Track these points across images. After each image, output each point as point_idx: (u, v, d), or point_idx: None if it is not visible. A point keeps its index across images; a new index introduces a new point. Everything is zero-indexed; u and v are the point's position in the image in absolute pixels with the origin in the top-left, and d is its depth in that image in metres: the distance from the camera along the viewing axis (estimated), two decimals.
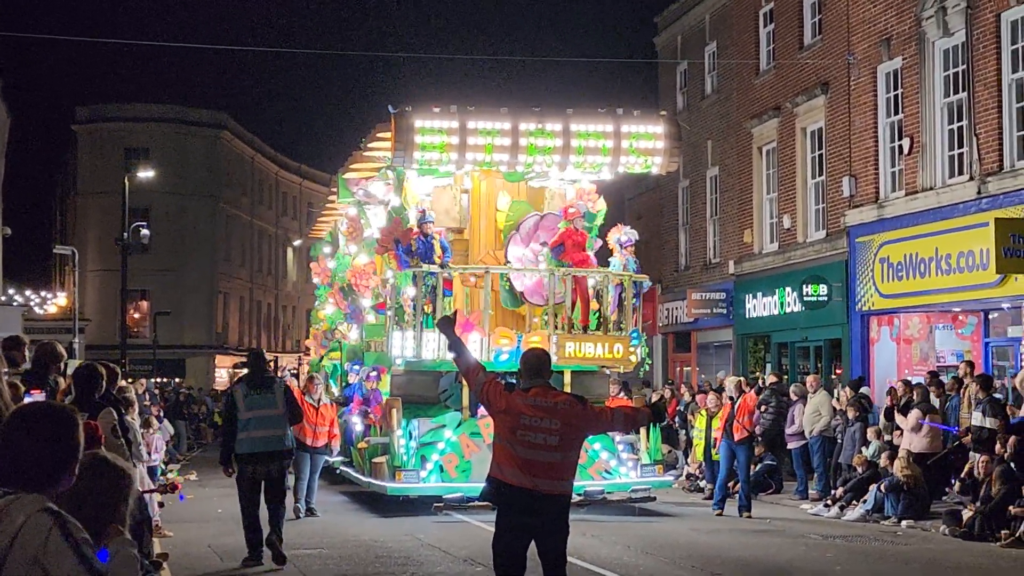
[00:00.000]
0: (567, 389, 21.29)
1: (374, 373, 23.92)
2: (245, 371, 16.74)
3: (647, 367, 24.96)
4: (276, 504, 15.43)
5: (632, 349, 22.69)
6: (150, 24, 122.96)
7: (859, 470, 21.96)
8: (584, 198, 23.89)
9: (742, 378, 23.48)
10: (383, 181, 24.17)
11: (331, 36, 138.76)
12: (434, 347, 21.53)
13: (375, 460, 22.11)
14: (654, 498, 22.19)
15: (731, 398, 22.17)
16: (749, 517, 21.09)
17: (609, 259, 23.81)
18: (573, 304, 22.86)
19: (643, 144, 22.87)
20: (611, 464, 21.82)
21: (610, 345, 22.33)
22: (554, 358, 20.99)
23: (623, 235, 23.52)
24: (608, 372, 23.93)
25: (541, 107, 22.78)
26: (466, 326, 21.57)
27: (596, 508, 21.05)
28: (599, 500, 21.16)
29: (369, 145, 23.78)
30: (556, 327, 22.35)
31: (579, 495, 20.21)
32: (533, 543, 9.47)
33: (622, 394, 27.22)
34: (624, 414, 10.26)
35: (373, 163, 24.28)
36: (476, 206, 24.08)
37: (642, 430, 22.25)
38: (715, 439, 22.43)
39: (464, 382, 20.83)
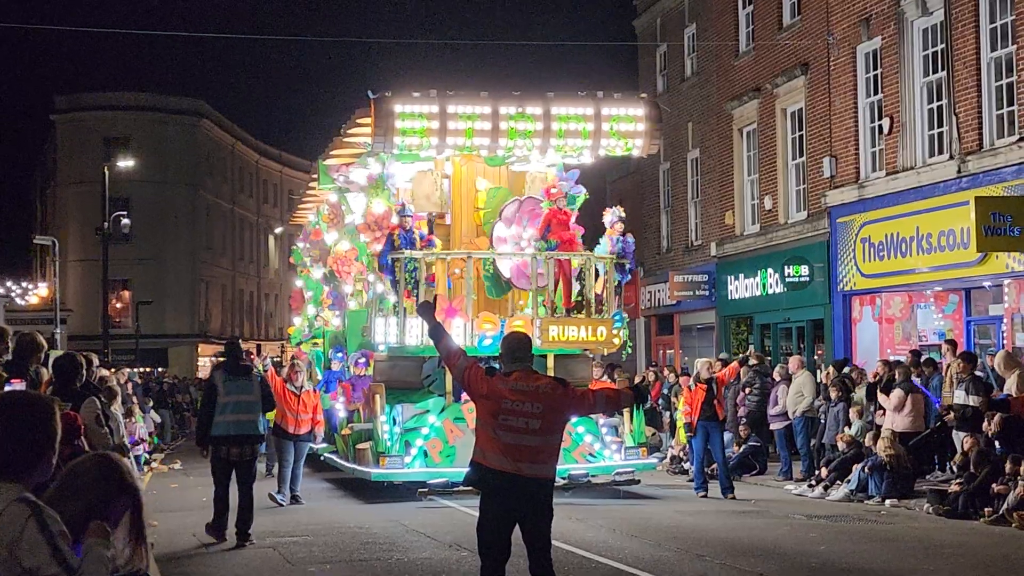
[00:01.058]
0: (550, 372, 21.23)
1: (363, 360, 23.75)
2: (223, 359, 17.82)
3: (629, 350, 24.90)
4: (246, 485, 16.42)
5: (615, 331, 22.64)
6: (128, 12, 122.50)
7: (843, 447, 21.98)
8: (564, 181, 23.94)
9: (709, 360, 23.37)
10: (363, 168, 24.11)
11: (310, 21, 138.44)
12: (417, 333, 21.47)
13: (359, 446, 22.03)
14: (638, 481, 22.19)
15: (700, 380, 22.07)
16: (733, 498, 21.12)
17: (600, 240, 23.78)
18: (556, 286, 22.81)
19: (624, 127, 22.82)
20: (595, 447, 21.75)
21: (593, 328, 22.25)
22: (537, 342, 21.01)
23: (610, 215, 23.56)
24: (591, 355, 23.94)
25: (521, 91, 22.76)
26: (449, 311, 21.54)
27: (581, 492, 21.03)
28: (583, 483, 21.13)
29: (349, 131, 23.63)
30: (542, 310, 22.30)
31: (563, 478, 20.23)
32: (518, 527, 9.48)
33: (605, 376, 27.22)
34: (606, 396, 10.26)
35: (353, 149, 24.16)
36: (457, 191, 24.00)
37: (626, 413, 22.27)
38: (689, 423, 22.29)
39: (447, 367, 20.79)
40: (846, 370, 24.72)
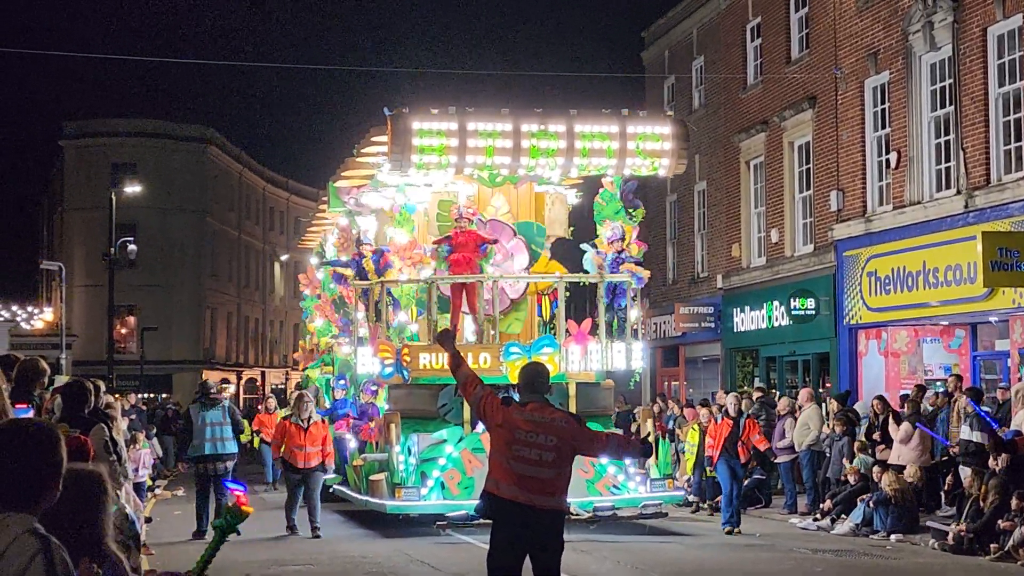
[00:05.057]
0: (572, 401, 20.87)
1: (373, 387, 22.86)
2: (197, 394, 21.69)
3: (637, 378, 24.07)
4: (220, 494, 19.18)
5: (517, 360, 20.70)
6: (137, 40, 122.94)
7: (852, 480, 21.78)
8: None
9: (738, 394, 22.83)
10: (375, 190, 23.51)
11: (320, 50, 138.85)
12: (365, 362, 22.16)
13: (372, 478, 21.09)
14: (666, 514, 21.24)
15: (728, 415, 21.51)
16: (739, 533, 20.90)
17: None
18: (455, 310, 22.13)
19: (649, 145, 22.04)
20: (619, 479, 20.73)
21: (475, 355, 20.83)
22: (409, 373, 21.03)
23: (609, 231, 22.53)
24: (613, 384, 22.88)
25: (543, 108, 22.13)
26: (372, 341, 21.69)
27: (606, 526, 20.15)
28: (609, 516, 20.15)
29: (363, 150, 22.97)
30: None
31: (588, 511, 19.54)
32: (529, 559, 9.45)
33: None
34: (617, 442, 10.26)
35: (366, 170, 23.53)
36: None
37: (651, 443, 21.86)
38: (711, 456, 21.67)
39: (463, 396, 20.35)
40: (857, 404, 24.66)
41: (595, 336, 21.78)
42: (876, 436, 22.40)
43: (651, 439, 22.01)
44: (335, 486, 23.78)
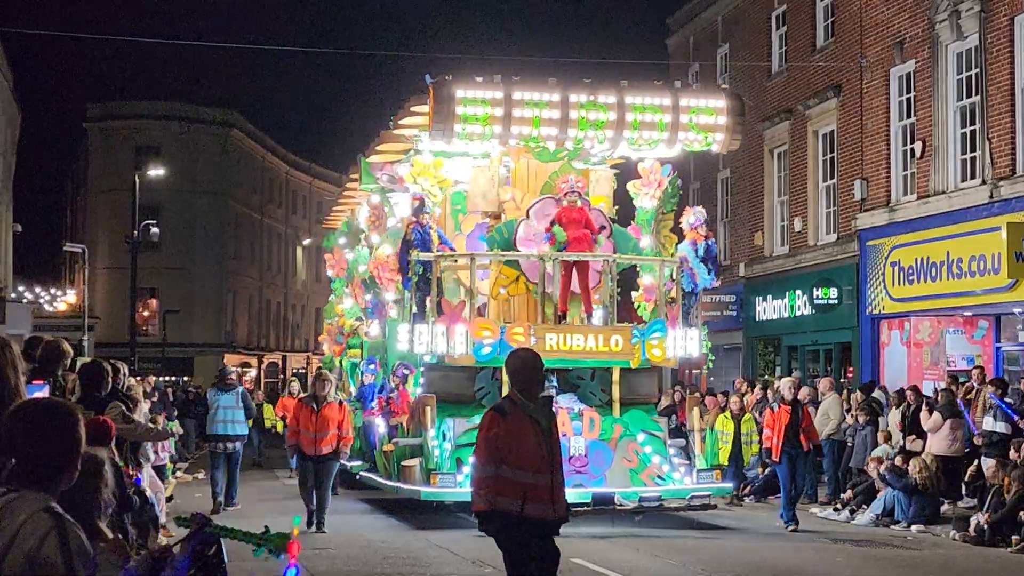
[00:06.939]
0: (615, 387, 20.47)
1: (405, 371, 21.96)
2: (215, 379, 24.02)
3: (710, 364, 23.44)
4: (232, 469, 22.24)
5: (652, 343, 20.35)
6: (161, 22, 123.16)
7: (882, 470, 21.43)
8: (651, 176, 22.23)
9: (794, 379, 21.84)
10: (409, 164, 22.19)
11: (343, 34, 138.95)
12: (426, 340, 20.00)
13: (405, 463, 20.42)
14: (714, 506, 20.55)
15: (784, 401, 20.59)
16: (795, 531, 19.95)
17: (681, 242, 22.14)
18: (565, 290, 20.87)
19: (703, 119, 21.16)
20: (664, 469, 20.06)
21: (605, 337, 20.16)
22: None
23: (692, 216, 21.80)
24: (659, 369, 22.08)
25: (592, 79, 21.22)
26: (453, 318, 20.08)
27: (651, 520, 19.59)
28: (656, 507, 19.48)
29: (400, 121, 21.90)
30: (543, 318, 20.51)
31: (633, 501, 19.07)
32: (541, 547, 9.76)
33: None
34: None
35: (401, 143, 22.61)
36: (521, 188, 22.18)
37: (696, 433, 21.38)
38: (771, 447, 20.38)
39: (503, 379, 19.71)
40: (875, 393, 24.58)
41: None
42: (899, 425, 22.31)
43: (696, 430, 21.67)
44: (362, 473, 23.12)
